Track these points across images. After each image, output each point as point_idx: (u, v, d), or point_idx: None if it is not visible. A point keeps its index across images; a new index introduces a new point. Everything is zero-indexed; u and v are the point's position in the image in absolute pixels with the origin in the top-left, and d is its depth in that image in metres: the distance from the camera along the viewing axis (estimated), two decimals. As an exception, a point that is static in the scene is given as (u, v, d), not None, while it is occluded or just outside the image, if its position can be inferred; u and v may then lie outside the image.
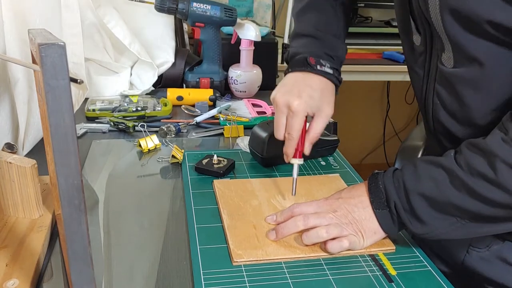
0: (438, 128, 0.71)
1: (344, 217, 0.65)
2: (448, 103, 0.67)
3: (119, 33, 1.20)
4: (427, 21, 0.64)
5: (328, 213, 0.66)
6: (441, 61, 0.65)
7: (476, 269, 0.73)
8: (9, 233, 0.64)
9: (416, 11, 0.66)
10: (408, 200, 0.62)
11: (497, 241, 0.70)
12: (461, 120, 0.66)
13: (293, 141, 0.74)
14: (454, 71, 0.63)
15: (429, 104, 0.71)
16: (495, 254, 0.71)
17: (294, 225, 0.66)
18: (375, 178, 0.67)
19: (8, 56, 0.81)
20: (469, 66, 0.61)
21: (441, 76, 0.66)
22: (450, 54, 0.63)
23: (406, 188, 0.62)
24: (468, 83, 0.63)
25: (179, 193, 0.81)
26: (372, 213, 0.65)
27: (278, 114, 0.75)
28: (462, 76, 0.63)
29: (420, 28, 0.67)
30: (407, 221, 0.63)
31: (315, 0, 0.83)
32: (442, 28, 0.60)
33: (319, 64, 0.77)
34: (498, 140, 0.57)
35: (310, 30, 0.81)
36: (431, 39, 0.66)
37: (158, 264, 0.63)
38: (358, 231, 0.65)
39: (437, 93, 0.68)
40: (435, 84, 0.68)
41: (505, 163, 0.55)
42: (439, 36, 0.63)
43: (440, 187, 0.60)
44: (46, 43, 0.38)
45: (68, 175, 0.42)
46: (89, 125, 1.05)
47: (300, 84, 0.75)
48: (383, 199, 0.64)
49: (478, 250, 0.73)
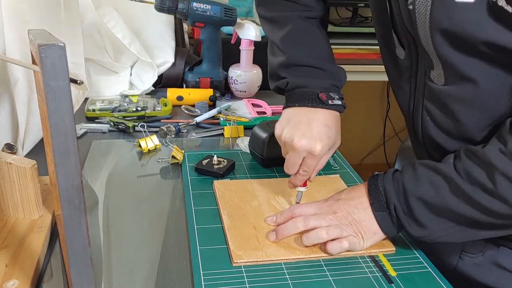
0: (428, 142, 0.70)
1: (344, 218, 0.65)
2: (441, 120, 0.65)
3: (119, 33, 1.20)
4: (412, 37, 0.62)
5: (328, 214, 0.66)
6: (430, 78, 0.63)
7: (469, 274, 0.73)
8: (9, 233, 0.64)
9: (400, 27, 0.63)
10: (407, 203, 0.62)
11: (491, 246, 0.70)
12: (456, 136, 0.65)
13: (306, 177, 0.73)
14: (445, 88, 0.61)
15: (417, 119, 0.69)
16: (489, 260, 0.70)
17: (294, 226, 0.66)
18: (375, 179, 0.67)
19: (8, 57, 0.81)
20: (461, 84, 0.59)
21: (431, 92, 0.64)
22: (440, 71, 0.60)
23: (406, 191, 0.62)
24: (461, 101, 0.61)
25: (179, 194, 0.81)
26: (372, 214, 0.65)
27: (295, 155, 0.71)
28: (455, 94, 0.61)
29: (404, 43, 0.65)
30: (406, 224, 0.63)
31: (298, 24, 0.79)
32: (431, 47, 0.58)
33: (330, 99, 0.74)
34: (497, 152, 0.56)
35: (308, 60, 0.77)
36: (416, 55, 0.64)
37: (158, 264, 0.63)
38: (358, 232, 0.65)
39: (426, 110, 0.66)
40: (423, 100, 0.66)
41: (504, 176, 0.55)
42: (426, 53, 0.60)
43: (439, 193, 0.60)
44: (46, 44, 0.38)
45: (68, 175, 0.42)
46: (89, 125, 1.05)
47: (316, 124, 0.71)
48: (383, 201, 0.64)
49: (471, 256, 0.72)
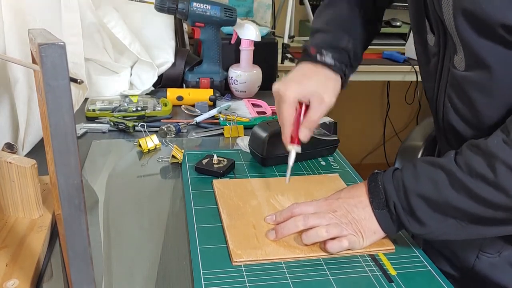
0: (448, 129, 0.71)
1: (344, 217, 0.66)
2: (460, 108, 0.67)
3: (119, 33, 1.20)
4: (441, 21, 0.63)
5: (328, 213, 0.66)
6: (453, 64, 0.65)
7: (486, 275, 0.73)
8: (9, 233, 0.64)
9: (431, 10, 0.65)
10: (408, 200, 0.62)
11: (508, 246, 0.70)
12: (473, 125, 0.66)
13: (285, 128, 0.73)
14: (465, 74, 0.63)
15: (440, 105, 0.71)
16: (506, 260, 0.70)
17: (294, 225, 0.66)
18: (374, 178, 0.67)
19: (8, 56, 0.81)
20: (479, 70, 0.61)
21: (453, 79, 0.66)
22: (462, 56, 0.62)
23: (406, 188, 0.62)
24: (478, 88, 0.62)
25: (179, 193, 0.81)
26: (372, 213, 0.65)
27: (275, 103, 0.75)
28: (473, 80, 0.62)
29: (435, 28, 0.67)
30: (406, 222, 0.63)
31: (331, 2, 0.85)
32: (454, 29, 0.60)
33: (319, 54, 0.76)
34: (499, 142, 0.56)
35: (320, 25, 0.82)
36: (444, 40, 0.66)
37: (158, 264, 0.64)
38: (357, 231, 0.65)
39: (448, 96, 0.68)
40: (446, 87, 0.68)
41: (505, 165, 0.55)
42: (451, 37, 0.62)
43: (439, 189, 0.60)
44: (46, 43, 0.38)
45: (68, 175, 0.42)
46: (89, 125, 1.05)
47: (296, 73, 0.75)
48: (383, 199, 0.64)
49: (488, 256, 0.72)
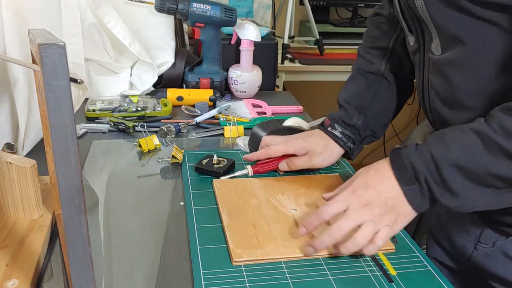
0: (436, 119, 0.71)
1: (378, 208, 0.62)
2: (440, 90, 0.67)
3: (119, 33, 1.20)
4: (415, 15, 0.65)
5: (360, 209, 0.63)
6: (431, 50, 0.66)
7: (481, 265, 0.74)
8: (9, 233, 0.65)
9: (405, 8, 0.67)
10: (439, 171, 0.58)
11: (502, 237, 0.71)
12: (453, 105, 0.65)
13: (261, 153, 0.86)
14: (442, 57, 0.64)
15: (426, 95, 0.71)
16: (499, 250, 0.71)
17: (330, 238, 0.63)
18: (398, 154, 0.63)
19: (8, 56, 0.81)
20: (454, 48, 0.61)
21: (432, 65, 0.67)
22: (437, 41, 0.64)
23: (435, 159, 0.59)
24: (454, 65, 0.62)
25: (179, 193, 0.81)
26: (402, 194, 0.62)
27: None
28: (449, 60, 0.62)
29: (412, 27, 0.69)
30: (439, 195, 0.59)
31: (355, 73, 0.90)
32: (427, 14, 0.61)
33: (331, 127, 0.87)
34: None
35: (341, 101, 0.89)
36: (422, 34, 0.67)
37: (158, 264, 0.64)
38: (393, 220, 0.62)
39: (430, 83, 0.69)
40: (429, 76, 0.69)
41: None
42: (427, 26, 0.64)
43: (473, 153, 0.56)
44: (46, 43, 0.38)
45: (68, 175, 0.42)
46: (89, 125, 1.05)
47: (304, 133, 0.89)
48: (411, 173, 0.61)
49: (484, 246, 0.73)
